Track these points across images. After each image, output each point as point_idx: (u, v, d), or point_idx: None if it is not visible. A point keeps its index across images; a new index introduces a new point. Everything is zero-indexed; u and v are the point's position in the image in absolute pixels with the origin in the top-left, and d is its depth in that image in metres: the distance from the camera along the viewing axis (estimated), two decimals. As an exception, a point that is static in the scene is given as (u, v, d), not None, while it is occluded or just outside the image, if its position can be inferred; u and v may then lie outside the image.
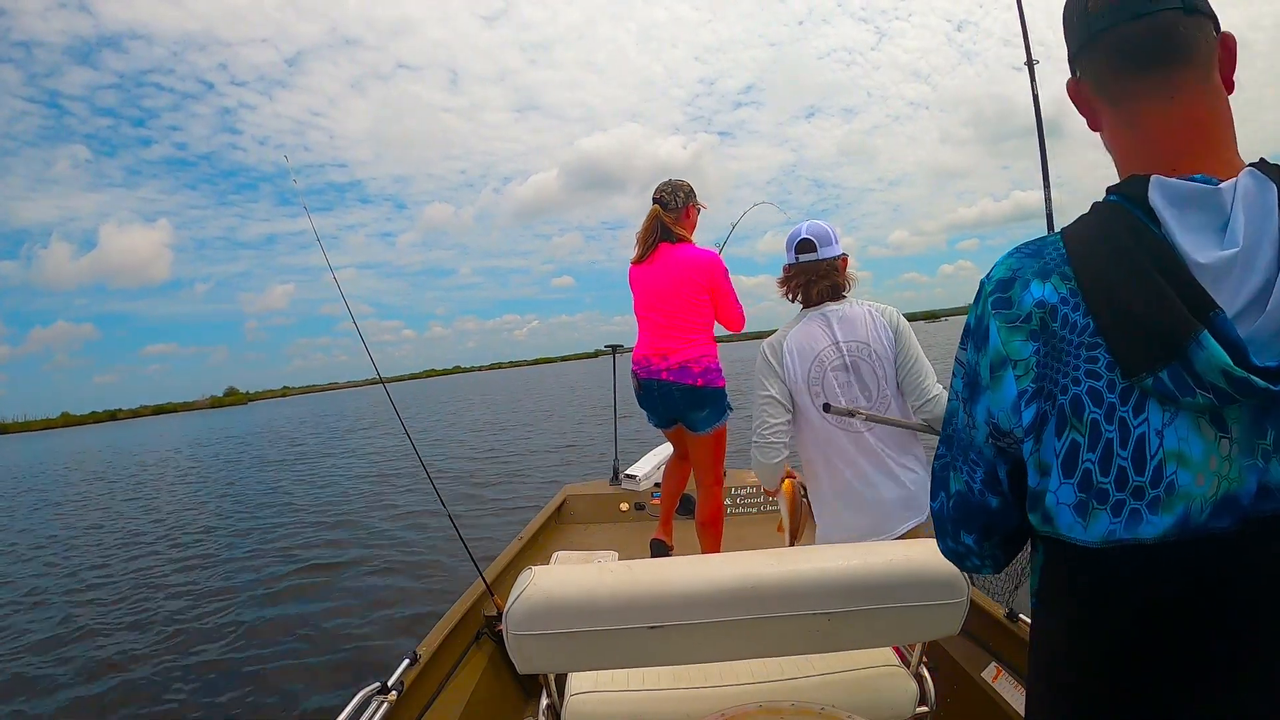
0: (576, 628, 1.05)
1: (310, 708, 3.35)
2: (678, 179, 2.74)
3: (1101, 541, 0.54)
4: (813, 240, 1.85)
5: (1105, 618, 0.56)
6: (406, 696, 1.71)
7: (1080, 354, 0.55)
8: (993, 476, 0.65)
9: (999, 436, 0.62)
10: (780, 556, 1.12)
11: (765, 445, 1.84)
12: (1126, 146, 0.62)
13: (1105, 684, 0.57)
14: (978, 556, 0.73)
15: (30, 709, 3.72)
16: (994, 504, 0.67)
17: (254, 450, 20.02)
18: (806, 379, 1.83)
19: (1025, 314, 0.58)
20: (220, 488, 12.47)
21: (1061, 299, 0.57)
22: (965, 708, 1.86)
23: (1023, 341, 0.58)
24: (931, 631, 1.17)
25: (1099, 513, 0.54)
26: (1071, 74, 0.67)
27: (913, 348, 1.83)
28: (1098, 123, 0.67)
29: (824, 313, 1.85)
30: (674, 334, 2.64)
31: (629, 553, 3.12)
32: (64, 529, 9.66)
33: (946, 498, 0.72)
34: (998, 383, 0.60)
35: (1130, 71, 0.60)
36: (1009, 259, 0.63)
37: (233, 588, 5.62)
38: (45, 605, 5.72)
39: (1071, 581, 0.59)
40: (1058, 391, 0.56)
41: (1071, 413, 0.55)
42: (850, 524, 1.86)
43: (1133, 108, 0.61)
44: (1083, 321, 0.56)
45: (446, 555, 5.56)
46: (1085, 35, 0.62)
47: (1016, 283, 0.60)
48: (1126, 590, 0.55)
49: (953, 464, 0.70)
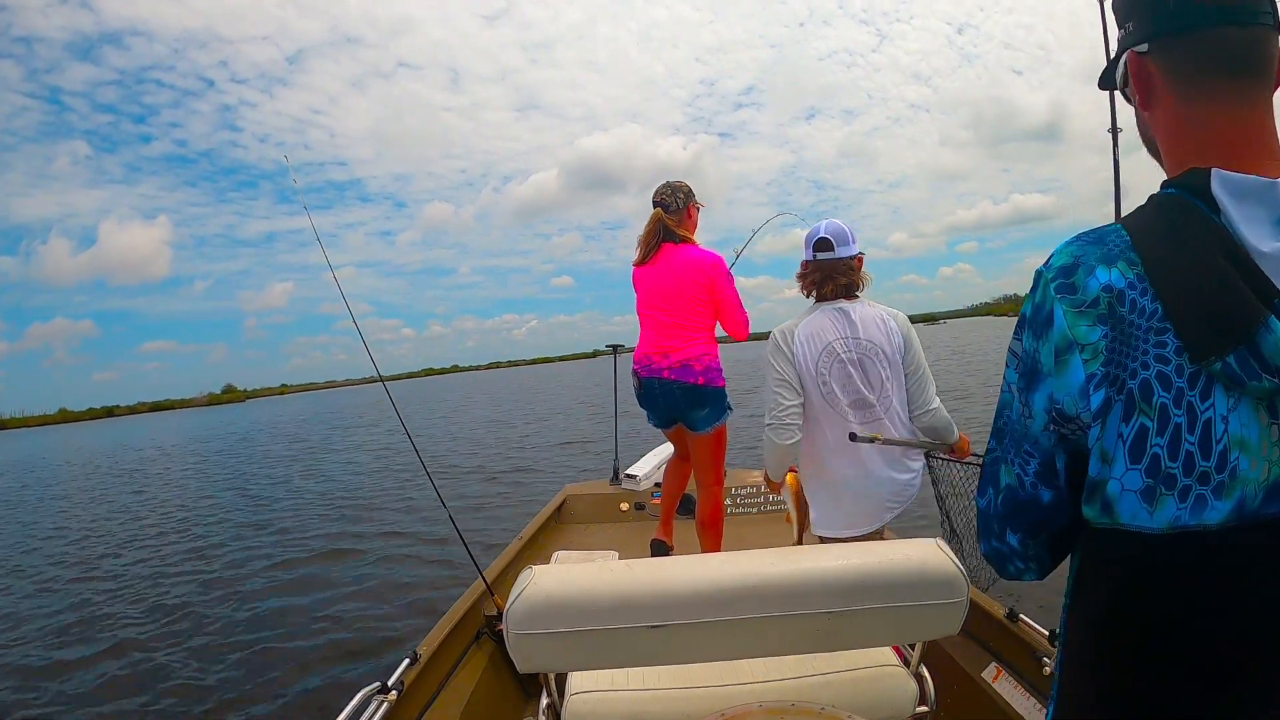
0: (577, 627, 1.05)
1: (310, 707, 3.35)
2: (676, 180, 2.75)
3: (1167, 528, 0.54)
4: (830, 239, 1.90)
5: (1163, 606, 0.57)
6: (406, 696, 1.71)
7: (1149, 338, 0.55)
8: (1048, 468, 0.64)
9: (1062, 423, 0.61)
10: (780, 556, 1.12)
11: (780, 426, 1.89)
12: (1189, 142, 0.62)
13: (1160, 672, 0.57)
14: (1021, 559, 0.71)
15: (24, 697, 3.73)
16: (1046, 498, 0.65)
17: (255, 447, 20.00)
18: (815, 367, 1.89)
19: (1092, 298, 0.58)
20: (219, 487, 12.45)
21: (1129, 283, 0.57)
22: (965, 708, 1.86)
23: (1090, 326, 0.58)
24: (931, 631, 1.17)
25: (1166, 498, 0.54)
26: (1131, 45, 0.65)
27: (920, 357, 1.91)
28: (1151, 104, 0.66)
29: (838, 308, 1.91)
30: (676, 333, 2.65)
31: (629, 552, 3.12)
32: (56, 530, 9.64)
33: (995, 493, 0.70)
34: (1063, 367, 0.59)
35: (1218, 75, 0.60)
36: (1069, 246, 0.62)
37: (231, 587, 5.61)
38: (49, 593, 5.71)
39: (1126, 575, 0.59)
40: (1126, 376, 0.56)
41: (1141, 397, 0.55)
42: (846, 513, 1.94)
43: (1208, 108, 0.61)
44: (1151, 306, 0.56)
45: (446, 555, 5.56)
46: (1181, 21, 0.60)
47: (1080, 268, 0.59)
48: (1186, 577, 0.55)
49: (1004, 457, 0.68)
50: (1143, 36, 0.64)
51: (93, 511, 10.99)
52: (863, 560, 1.11)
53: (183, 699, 3.61)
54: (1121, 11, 0.66)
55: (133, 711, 3.55)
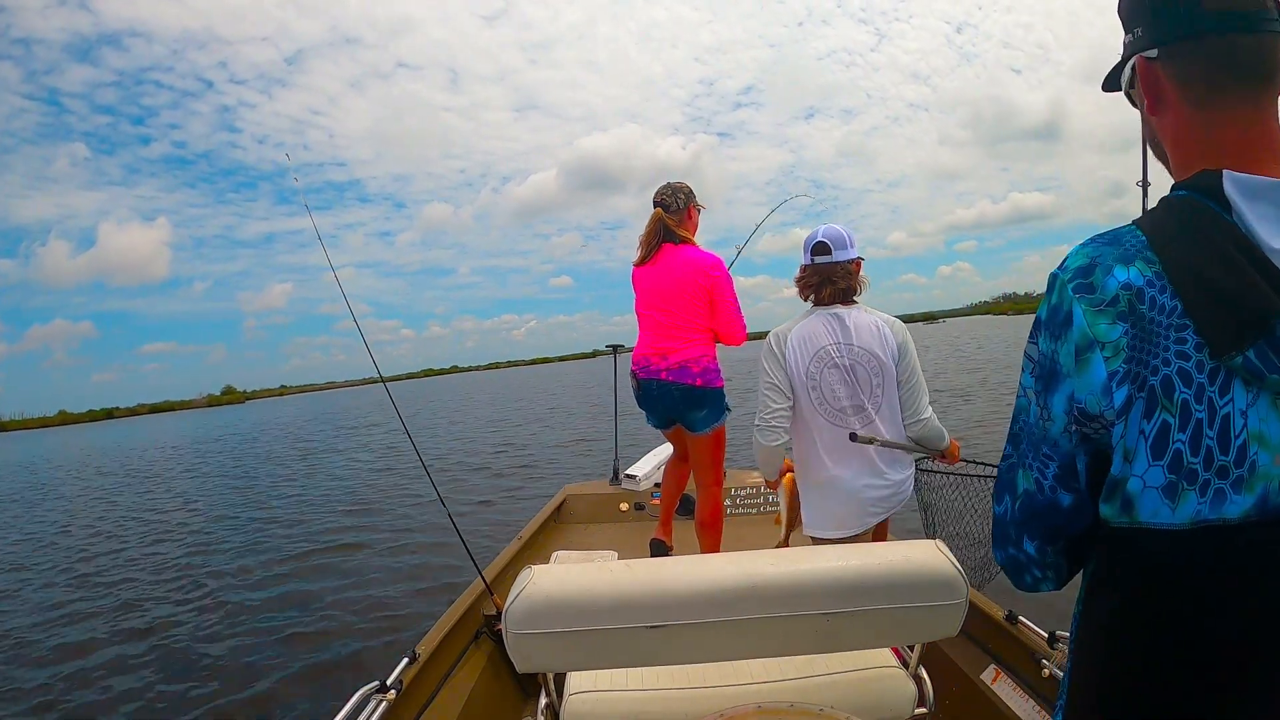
0: (576, 627, 1.05)
1: (309, 706, 3.35)
2: (677, 181, 2.76)
3: (1189, 522, 0.55)
4: (827, 243, 1.92)
5: (1178, 604, 0.58)
6: (405, 695, 1.71)
7: (1170, 335, 0.56)
8: (1068, 470, 0.64)
9: (1085, 422, 0.61)
10: (780, 556, 1.12)
11: (766, 428, 1.94)
12: (1198, 145, 0.63)
13: (1172, 671, 0.58)
14: (1039, 567, 0.70)
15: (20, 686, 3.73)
16: (1065, 501, 0.65)
17: (256, 448, 20.00)
18: (805, 372, 1.91)
19: (1111, 297, 0.58)
20: (219, 488, 12.46)
21: (1148, 281, 0.58)
22: (964, 709, 1.86)
23: (1110, 324, 0.58)
24: (930, 632, 1.17)
25: (1188, 493, 0.55)
26: (1140, 50, 0.66)
27: (914, 366, 1.92)
28: (1159, 109, 0.66)
29: (833, 313, 1.92)
30: (675, 334, 2.65)
31: (629, 553, 3.12)
32: (56, 533, 9.64)
33: (1012, 500, 0.70)
34: (1084, 366, 0.59)
35: (1227, 81, 0.61)
36: (1084, 248, 0.63)
37: (231, 586, 5.62)
38: (50, 587, 5.71)
39: (1142, 574, 0.59)
40: (1148, 373, 0.57)
41: (1163, 393, 0.56)
42: (832, 514, 1.96)
43: (1217, 113, 0.61)
44: (1170, 303, 0.57)
45: (446, 554, 5.56)
46: (1189, 28, 0.61)
47: (1097, 269, 0.60)
48: (1204, 573, 0.56)
49: (1021, 463, 0.68)
50: (1151, 42, 0.64)
51: (88, 511, 11.00)
52: (862, 561, 1.11)
53: (183, 699, 3.61)
54: (1129, 16, 0.67)
55: (131, 711, 3.56)
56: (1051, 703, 1.66)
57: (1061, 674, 1.69)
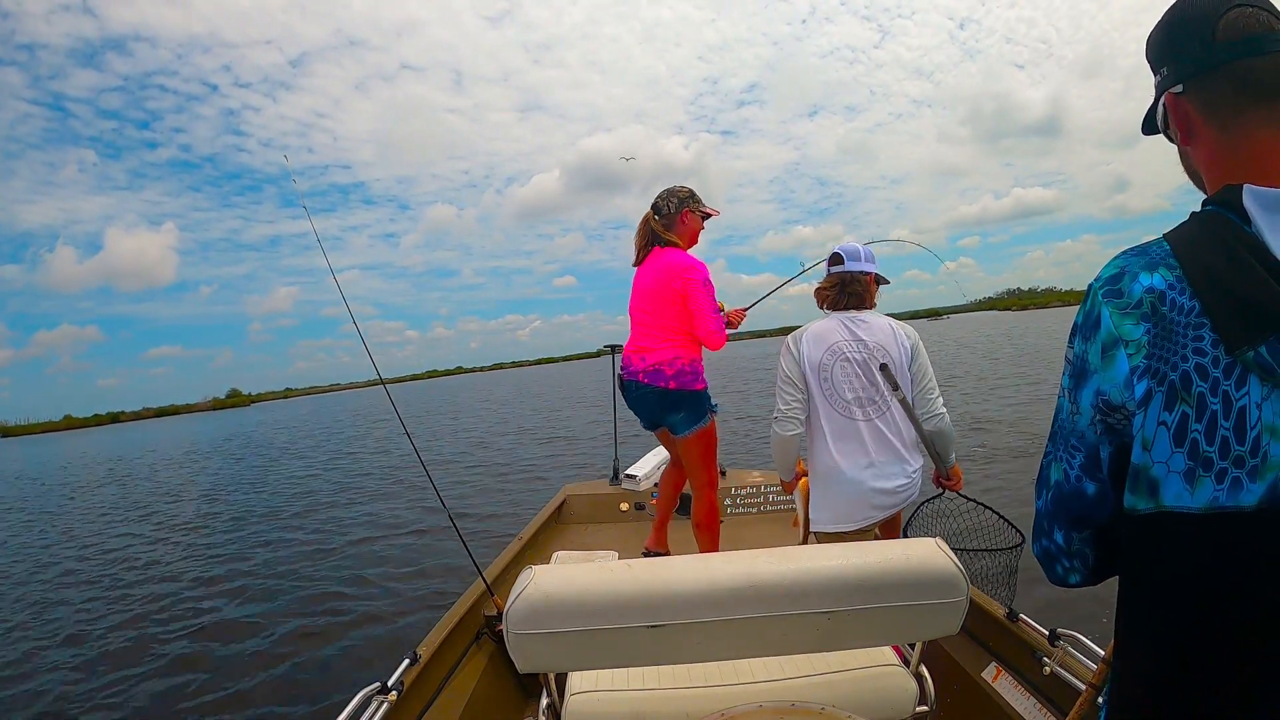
0: (577, 627, 1.05)
1: (310, 708, 3.36)
2: (678, 185, 2.76)
3: (1206, 507, 0.59)
4: (841, 254, 2.11)
5: (1201, 588, 0.61)
6: (407, 696, 1.72)
7: (1188, 333, 0.61)
8: (1093, 460, 0.69)
9: (1109, 413, 0.66)
10: (780, 555, 1.11)
11: (783, 419, 2.06)
12: (1225, 165, 0.67)
13: (1202, 654, 0.61)
14: (1067, 556, 0.75)
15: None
16: (1090, 490, 0.70)
17: (258, 450, 20.03)
18: (818, 365, 2.02)
19: (1136, 300, 0.64)
20: (220, 488, 12.47)
21: (1169, 285, 0.63)
22: (965, 707, 1.86)
23: (1134, 324, 0.63)
24: (931, 631, 1.17)
25: (1205, 479, 0.59)
26: (1167, 88, 0.71)
27: (926, 368, 2.03)
28: (1191, 140, 0.71)
29: (849, 316, 2.06)
30: (654, 333, 2.66)
31: (629, 553, 3.12)
32: (53, 540, 9.66)
33: (1046, 492, 0.75)
34: (1109, 361, 0.64)
35: (1247, 102, 0.65)
36: (1117, 260, 0.68)
37: (230, 586, 5.63)
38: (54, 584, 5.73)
39: (1169, 559, 0.62)
40: (1168, 369, 0.61)
41: (1181, 387, 0.60)
42: (834, 507, 2.03)
43: (1241, 133, 0.66)
44: (1189, 304, 0.61)
45: (446, 555, 5.57)
46: (1206, 61, 0.66)
47: (1125, 276, 0.65)
48: (1225, 558, 0.59)
49: (1054, 456, 0.74)
50: (1177, 78, 0.70)
51: (82, 520, 11.02)
52: (863, 560, 1.11)
53: (183, 699, 3.61)
54: (1155, 58, 0.72)
55: (129, 711, 3.56)
56: (1052, 701, 1.67)
57: (1063, 671, 1.69)
